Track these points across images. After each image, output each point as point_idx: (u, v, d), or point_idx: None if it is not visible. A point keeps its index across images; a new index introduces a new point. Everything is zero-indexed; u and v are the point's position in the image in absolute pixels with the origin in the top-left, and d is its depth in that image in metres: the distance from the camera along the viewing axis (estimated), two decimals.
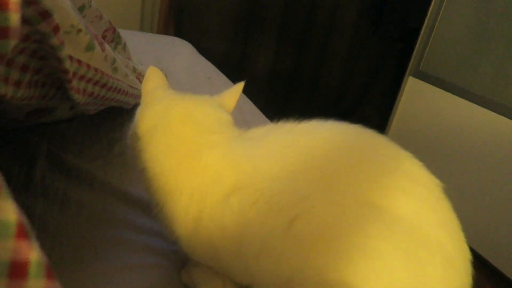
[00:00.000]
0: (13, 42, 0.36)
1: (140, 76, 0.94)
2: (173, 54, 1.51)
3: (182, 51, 1.61)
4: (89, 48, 0.59)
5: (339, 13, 2.17)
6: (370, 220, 0.42)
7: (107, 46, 0.67)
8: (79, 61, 0.58)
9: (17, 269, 0.24)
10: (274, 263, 0.44)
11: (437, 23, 1.82)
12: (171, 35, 1.90)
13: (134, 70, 0.92)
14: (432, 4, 1.83)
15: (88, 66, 0.61)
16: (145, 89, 0.60)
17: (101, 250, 0.56)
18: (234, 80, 1.43)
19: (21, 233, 0.24)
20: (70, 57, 0.55)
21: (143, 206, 0.66)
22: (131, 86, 0.83)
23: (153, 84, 0.60)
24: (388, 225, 0.41)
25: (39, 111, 0.76)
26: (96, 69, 0.63)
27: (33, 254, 0.24)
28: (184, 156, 0.50)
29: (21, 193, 0.63)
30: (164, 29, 2.01)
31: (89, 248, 0.56)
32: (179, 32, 1.97)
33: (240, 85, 0.63)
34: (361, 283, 0.40)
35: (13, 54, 0.51)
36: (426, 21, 1.86)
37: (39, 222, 0.58)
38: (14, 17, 0.35)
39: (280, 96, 2.31)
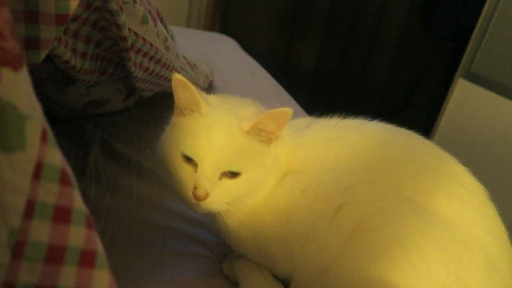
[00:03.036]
0: (74, 3, 0.40)
1: (189, 64, 0.98)
2: (218, 50, 1.54)
3: (227, 48, 1.64)
4: (144, 21, 0.62)
5: (388, 10, 2.10)
6: (409, 215, 0.42)
7: (159, 23, 0.70)
8: (136, 34, 0.62)
9: (60, 214, 0.24)
10: (317, 251, 0.45)
11: (492, 21, 1.71)
12: (216, 32, 1.94)
13: (184, 57, 0.95)
14: (488, 1, 1.73)
15: (144, 39, 0.64)
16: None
17: (148, 234, 0.59)
18: (278, 77, 1.43)
19: (65, 180, 0.25)
20: (128, 29, 0.58)
21: None
22: (182, 68, 0.86)
23: None
24: (427, 221, 0.42)
25: (95, 102, 0.81)
26: (151, 44, 0.67)
27: (75, 202, 0.25)
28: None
29: (77, 178, 0.67)
30: (210, 26, 2.05)
31: (137, 232, 0.59)
32: (225, 29, 2.00)
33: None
34: (397, 275, 0.40)
35: (78, 25, 0.56)
36: (480, 19, 1.76)
37: (92, 205, 0.62)
38: None
39: (323, 95, 2.29)
